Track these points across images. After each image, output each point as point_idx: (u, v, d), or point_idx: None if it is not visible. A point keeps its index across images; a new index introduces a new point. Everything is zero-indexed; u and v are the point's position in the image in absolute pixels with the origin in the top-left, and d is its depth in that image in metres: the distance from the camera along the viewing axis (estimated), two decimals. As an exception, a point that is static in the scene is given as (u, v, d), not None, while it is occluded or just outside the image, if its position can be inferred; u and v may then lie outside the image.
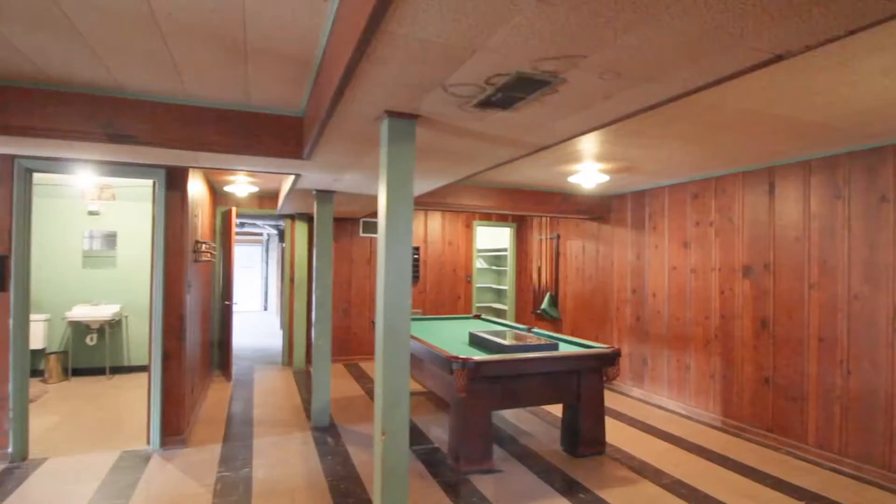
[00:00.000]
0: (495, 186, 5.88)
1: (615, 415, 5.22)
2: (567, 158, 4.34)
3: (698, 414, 5.13)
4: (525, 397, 3.91)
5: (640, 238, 5.99)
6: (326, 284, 4.71)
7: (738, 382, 4.75)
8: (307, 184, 4.35)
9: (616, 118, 2.19)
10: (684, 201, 5.39)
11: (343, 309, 7.48)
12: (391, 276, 2.24)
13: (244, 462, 3.89)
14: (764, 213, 4.55)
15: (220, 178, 5.72)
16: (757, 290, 4.60)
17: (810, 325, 4.16)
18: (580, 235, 7.06)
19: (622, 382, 6.20)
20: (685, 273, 5.36)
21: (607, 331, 6.50)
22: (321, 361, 4.71)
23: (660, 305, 5.68)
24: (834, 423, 3.96)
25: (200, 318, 5.39)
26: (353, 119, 2.35)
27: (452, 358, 3.62)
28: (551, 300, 7.54)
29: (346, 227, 7.52)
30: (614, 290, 6.39)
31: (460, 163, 3.30)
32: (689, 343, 5.30)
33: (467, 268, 8.25)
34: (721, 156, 4.18)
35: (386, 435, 2.17)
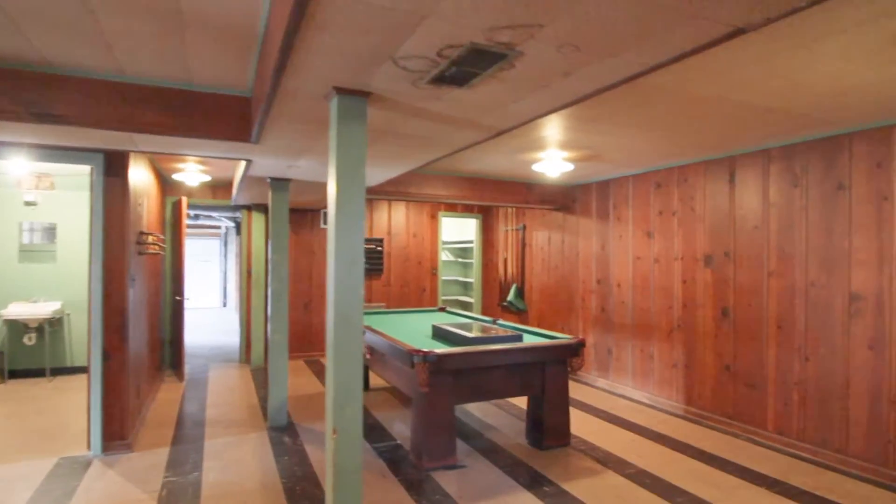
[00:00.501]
0: (459, 175, 5.76)
1: (580, 406, 5.20)
2: (531, 146, 4.24)
3: (662, 403, 5.16)
4: (489, 390, 3.82)
5: (604, 228, 5.98)
6: (283, 277, 4.50)
7: (700, 371, 4.79)
8: (260, 171, 4.13)
9: (576, 98, 2.09)
10: (648, 191, 5.39)
11: (304, 303, 7.25)
12: (342, 264, 2.09)
13: (194, 465, 3.67)
14: (725, 201, 4.58)
15: (167, 166, 5.41)
16: (718, 278, 4.63)
17: (769, 313, 4.20)
18: (546, 226, 7.02)
19: (587, 373, 6.20)
20: (649, 263, 5.37)
21: (573, 322, 6.48)
22: (278, 358, 4.51)
23: (624, 295, 5.69)
24: (792, 408, 4.02)
25: (147, 314, 5.09)
26: (300, 97, 2.18)
27: (413, 351, 3.49)
28: (517, 292, 7.49)
29: (307, 219, 7.28)
30: (580, 281, 6.38)
31: (419, 148, 3.16)
32: (652, 333, 5.32)
33: (432, 260, 8.12)
34: (683, 144, 4.17)
35: (337, 433, 2.03)
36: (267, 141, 3.06)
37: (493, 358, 3.72)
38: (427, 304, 8.03)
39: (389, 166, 3.84)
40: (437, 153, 3.31)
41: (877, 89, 2.76)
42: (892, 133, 3.42)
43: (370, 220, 7.66)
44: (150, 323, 5.28)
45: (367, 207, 7.64)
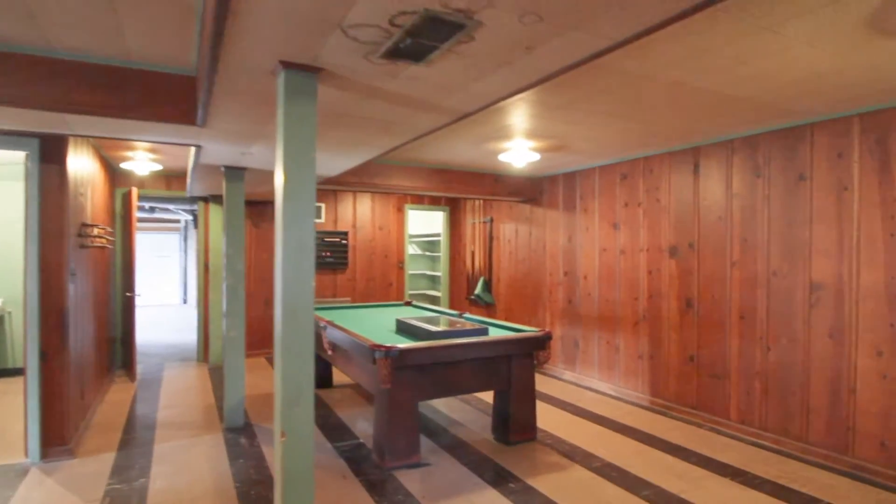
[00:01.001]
0: (425, 166, 5.62)
1: (547, 399, 5.16)
2: (497, 134, 4.14)
3: (627, 394, 5.17)
4: (454, 385, 3.71)
5: (571, 220, 5.94)
6: (238, 271, 4.29)
7: (665, 362, 4.80)
8: (213, 158, 3.90)
9: (540, 77, 1.98)
10: (614, 182, 5.37)
11: (265, 299, 6.99)
12: (291, 254, 1.94)
13: (141, 471, 3.45)
14: (689, 192, 4.58)
15: (115, 153, 5.10)
16: (682, 269, 4.64)
17: (732, 303, 4.23)
18: (513, 218, 6.96)
19: (554, 366, 6.18)
20: (615, 254, 5.36)
21: (540, 314, 6.45)
22: (234, 356, 4.30)
23: (590, 287, 5.67)
24: (754, 398, 4.05)
25: (93, 311, 4.79)
26: (244, 72, 2.00)
27: (375, 346, 3.35)
28: (485, 285, 7.41)
29: (268, 211, 7.02)
30: (546, 274, 6.34)
31: (379, 133, 3.01)
32: (618, 324, 5.32)
33: (399, 253, 7.97)
34: (649, 134, 4.14)
35: (286, 436, 1.88)
36: (215, 124, 2.86)
37: (457, 352, 3.61)
38: (393, 298, 7.88)
39: (349, 154, 3.68)
40: (398, 139, 3.17)
41: (840, 77, 2.75)
42: (852, 123, 3.45)
43: (334, 213, 7.45)
44: (98, 320, 4.97)
45: (331, 199, 7.42)
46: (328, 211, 7.39)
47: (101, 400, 4.97)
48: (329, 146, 3.40)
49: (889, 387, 3.29)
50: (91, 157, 4.63)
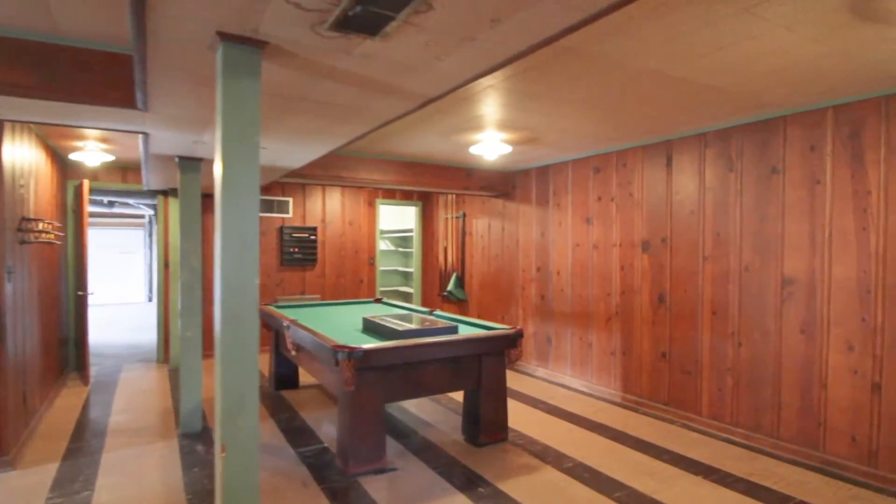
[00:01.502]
0: (395, 159, 5.44)
1: (519, 397, 5.05)
2: (467, 126, 3.99)
3: (600, 391, 5.10)
4: (422, 386, 3.56)
5: (544, 215, 5.84)
6: (194, 269, 4.05)
7: (637, 357, 4.74)
8: (164, 147, 3.65)
9: (508, 56, 1.84)
10: (587, 176, 5.28)
11: (230, 296, 6.71)
12: (232, 251, 1.75)
13: (85, 483, 3.21)
14: (662, 186, 4.51)
15: (63, 143, 4.78)
16: (655, 264, 4.58)
17: (704, 298, 4.18)
18: (486, 213, 6.83)
19: (527, 363, 6.08)
20: (588, 249, 5.28)
21: (513, 311, 6.34)
22: (190, 357, 4.06)
23: (563, 283, 5.58)
24: (726, 394, 4.01)
25: (39, 311, 4.48)
26: (177, 45, 1.80)
27: (337, 347, 3.17)
28: (457, 281, 7.28)
29: (232, 206, 6.73)
30: (519, 269, 6.24)
31: (340, 119, 2.82)
32: (591, 320, 5.24)
33: (370, 249, 7.77)
34: (622, 127, 4.04)
35: (226, 451, 1.70)
36: (159, 108, 2.64)
37: (425, 352, 3.46)
38: (364, 295, 7.68)
39: (310, 143, 3.48)
40: (361, 127, 2.99)
41: (817, 65, 2.68)
42: (825, 116, 3.41)
43: (302, 208, 7.20)
44: (44, 321, 4.65)
45: (299, 194, 7.17)
46: (296, 206, 7.15)
47: (50, 406, 4.66)
48: (286, 134, 3.20)
49: (860, 382, 3.27)
50: (35, 147, 4.31)
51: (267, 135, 3.20)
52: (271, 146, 3.56)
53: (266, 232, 6.95)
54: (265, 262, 6.94)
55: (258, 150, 1.75)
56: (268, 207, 6.92)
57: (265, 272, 6.94)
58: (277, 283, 7.01)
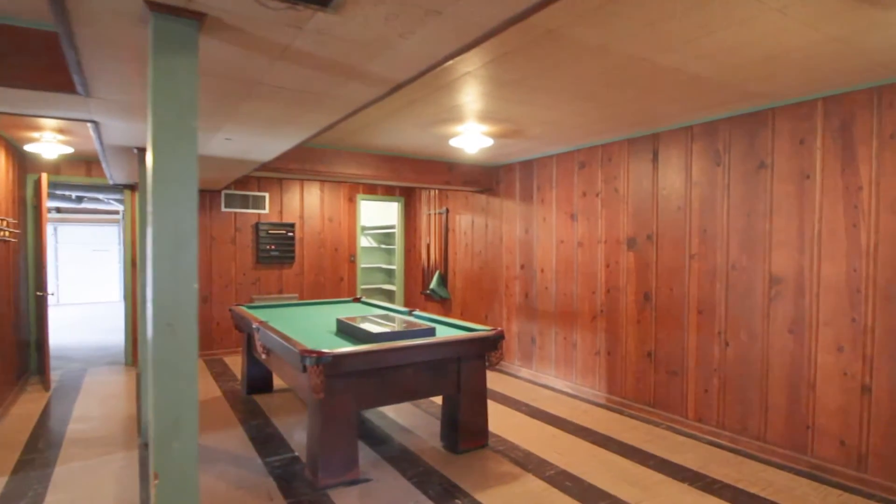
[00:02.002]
0: (373, 152, 5.24)
1: (501, 399, 4.90)
2: (446, 117, 3.81)
3: (585, 392, 4.96)
4: (397, 392, 3.38)
5: (528, 211, 5.68)
6: (157, 267, 3.81)
7: (622, 358, 4.61)
8: (118, 138, 3.41)
9: (482, 32, 1.65)
10: (572, 171, 5.13)
11: (203, 297, 6.47)
12: (165, 251, 1.56)
13: (34, 499, 2.98)
14: (648, 182, 4.37)
15: (18, 134, 4.50)
16: (640, 262, 4.45)
17: (690, 297, 4.05)
18: (469, 209, 6.65)
19: (510, 363, 5.93)
20: (572, 246, 5.13)
21: (497, 310, 6.18)
22: (152, 361, 3.83)
23: (548, 281, 5.43)
24: (712, 395, 3.89)
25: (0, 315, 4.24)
26: (105, 19, 1.59)
27: (305, 352, 2.98)
28: (440, 279, 7.10)
29: (205, 201, 6.48)
30: (503, 267, 6.07)
31: (301, 107, 2.62)
32: (576, 319, 5.10)
33: (351, 246, 7.55)
34: (607, 119, 3.89)
35: (159, 480, 1.50)
36: (102, 93, 2.41)
37: (401, 356, 3.27)
38: (345, 294, 7.48)
39: (275, 134, 3.26)
40: (328, 115, 2.79)
41: (809, 52, 2.54)
42: (815, 108, 3.28)
43: (279, 204, 6.96)
44: (2, 324, 4.40)
45: (276, 189, 6.93)
46: (272, 201, 6.90)
47: (4, 414, 4.40)
48: (247, 123, 2.98)
49: (849, 384, 3.15)
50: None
51: (226, 124, 2.98)
52: (235, 137, 3.34)
53: (241, 228, 6.71)
54: (240, 260, 6.69)
55: (195, 138, 1.55)
56: (243, 203, 6.68)
57: (240, 270, 6.70)
58: (253, 282, 6.77)
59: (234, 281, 6.65)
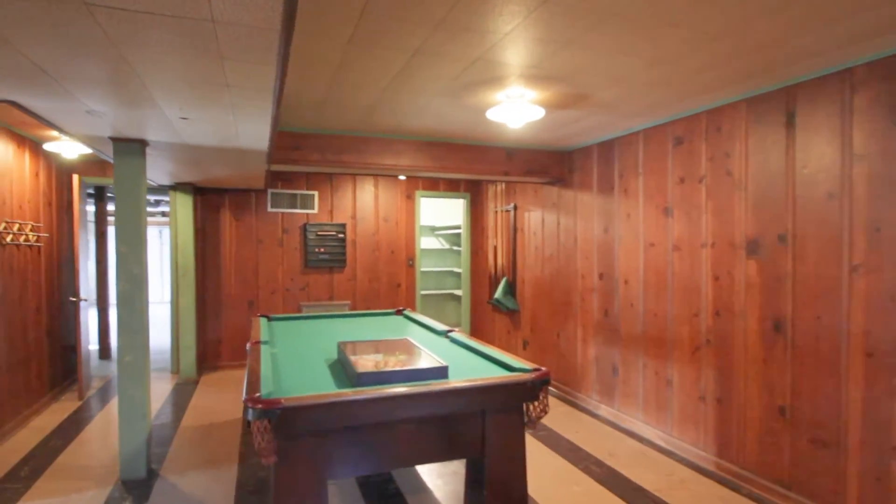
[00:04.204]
0: (408, 138, 4.35)
1: (567, 448, 3.75)
2: (478, 76, 2.80)
3: (684, 450, 3.66)
4: (389, 456, 2.43)
5: (608, 205, 4.45)
6: (135, 276, 3.24)
7: (740, 410, 3.26)
8: (70, 125, 2.85)
9: None
10: (665, 150, 3.84)
11: (248, 301, 6.03)
12: None
13: (-38, 555, 2.48)
14: (778, 157, 3.00)
15: (39, 133, 4.24)
16: (768, 274, 3.08)
17: (852, 330, 2.64)
18: (539, 205, 5.53)
19: (587, 396, 4.73)
20: (666, 251, 3.84)
21: (570, 328, 5.00)
22: (131, 387, 3.27)
23: (633, 296, 4.17)
24: (891, 484, 2.47)
25: (20, 319, 4.03)
26: None
27: (249, 402, 2.15)
28: (507, 288, 6.04)
29: (250, 201, 6.03)
30: (578, 276, 4.88)
31: (200, 50, 1.77)
32: (671, 349, 3.80)
33: (409, 249, 6.75)
34: (712, 64, 2.63)
35: None
36: None
37: (391, 408, 2.33)
38: (401, 302, 6.69)
39: (219, 104, 2.48)
40: (248, 64, 1.92)
41: None
42: None
43: (329, 202, 6.35)
44: (16, 331, 4.16)
45: (326, 187, 6.32)
46: (322, 200, 6.31)
47: (23, 424, 4.16)
48: (168, 89, 2.22)
49: None
50: (2, 140, 3.79)
51: (149, 92, 2.24)
52: (188, 114, 2.61)
53: (289, 230, 6.18)
54: (288, 264, 6.17)
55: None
56: (290, 202, 6.15)
57: (288, 275, 6.17)
58: (302, 288, 6.22)
59: (282, 287, 6.14)
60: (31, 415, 4.34)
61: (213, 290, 5.91)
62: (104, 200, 6.52)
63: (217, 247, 5.91)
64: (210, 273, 5.89)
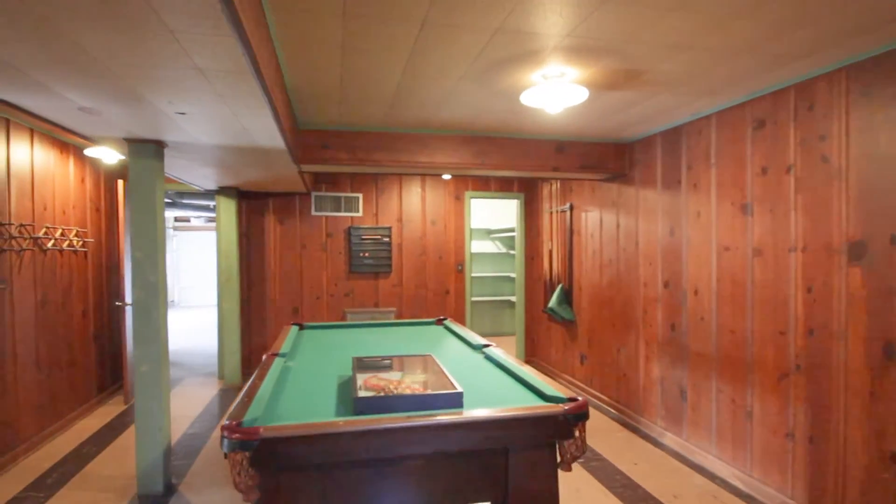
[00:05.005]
0: (444, 133, 3.99)
1: (621, 483, 3.23)
2: (506, 51, 2.40)
3: (766, 495, 3.03)
4: (392, 497, 2.08)
5: (674, 202, 3.87)
6: (151, 283, 3.11)
7: (839, 453, 2.61)
8: (96, 127, 2.75)
9: None
10: (742, 135, 3.23)
11: (293, 308, 5.92)
12: None
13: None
14: (892, 137, 2.36)
15: (80, 139, 4.29)
16: (875, 286, 2.43)
17: None
18: (597, 204, 4.98)
19: (651, 421, 4.14)
20: (744, 256, 3.22)
21: (631, 343, 4.43)
22: (148, 397, 3.14)
23: (704, 309, 3.57)
24: None
25: (64, 325, 4.12)
26: None
27: (226, 429, 1.87)
28: (563, 296, 5.52)
29: (292, 204, 5.93)
30: (640, 284, 4.31)
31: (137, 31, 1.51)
32: (751, 373, 3.18)
33: (458, 254, 6.39)
34: (798, 20, 2.06)
35: None
36: None
37: (391, 443, 1.98)
38: (451, 309, 6.34)
39: (201, 100, 2.23)
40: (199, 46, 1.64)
41: None
42: None
43: (374, 205, 6.13)
44: (71, 334, 4.25)
45: (371, 189, 6.11)
46: (366, 202, 6.10)
47: (66, 427, 4.21)
48: (123, 76, 1.99)
49: None
50: (43, 146, 3.85)
51: (125, 83, 2.04)
52: (184, 108, 2.41)
53: (333, 234, 6.02)
54: (332, 269, 6.01)
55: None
56: (335, 206, 5.99)
57: (332, 281, 6.01)
58: (346, 294, 6.03)
59: (326, 293, 5.98)
60: (75, 417, 4.40)
61: (258, 295, 5.85)
62: (161, 206, 6.68)
63: (261, 251, 5.85)
64: (255, 278, 5.84)
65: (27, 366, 3.72)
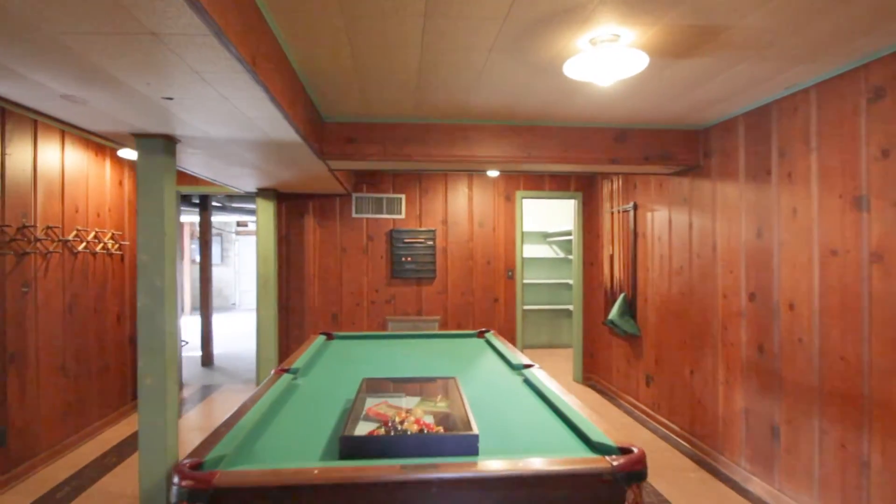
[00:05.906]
0: (484, 122, 3.53)
1: (694, 548, 2.61)
2: (541, 10, 1.93)
3: (893, 577, 2.31)
4: (384, 566, 1.64)
5: (762, 197, 3.19)
6: (158, 288, 2.87)
7: None
8: (96, 120, 2.54)
9: None
10: (855, 110, 2.54)
11: (332, 314, 5.65)
12: None
13: None
14: None
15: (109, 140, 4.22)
16: None
17: None
18: (664, 202, 4.33)
19: (734, 462, 3.45)
20: (858, 263, 2.52)
21: (707, 364, 3.75)
22: (152, 414, 2.89)
23: (802, 327, 2.87)
24: None
25: (95, 330, 4.08)
26: None
27: (176, 470, 1.52)
28: (625, 307, 4.88)
29: (333, 206, 5.67)
30: (718, 295, 3.63)
31: None
32: (869, 412, 2.47)
33: (509, 258, 5.88)
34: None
35: None
36: None
37: (381, 500, 1.54)
38: (501, 318, 5.83)
39: (179, 80, 1.91)
40: None
41: None
42: None
43: (418, 206, 5.75)
44: (104, 339, 4.18)
45: (414, 189, 5.74)
46: (409, 204, 5.74)
47: (92, 435, 4.10)
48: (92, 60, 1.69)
49: None
50: (76, 148, 3.79)
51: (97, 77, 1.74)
52: (172, 94, 2.11)
53: (374, 237, 5.70)
54: (373, 273, 5.69)
55: None
56: (376, 207, 5.67)
57: (373, 286, 5.68)
58: (388, 300, 5.69)
59: (366, 299, 5.66)
60: (105, 425, 4.30)
61: (297, 300, 5.63)
62: (208, 209, 6.67)
63: (301, 255, 5.63)
64: (294, 283, 5.63)
65: (51, 371, 3.63)
